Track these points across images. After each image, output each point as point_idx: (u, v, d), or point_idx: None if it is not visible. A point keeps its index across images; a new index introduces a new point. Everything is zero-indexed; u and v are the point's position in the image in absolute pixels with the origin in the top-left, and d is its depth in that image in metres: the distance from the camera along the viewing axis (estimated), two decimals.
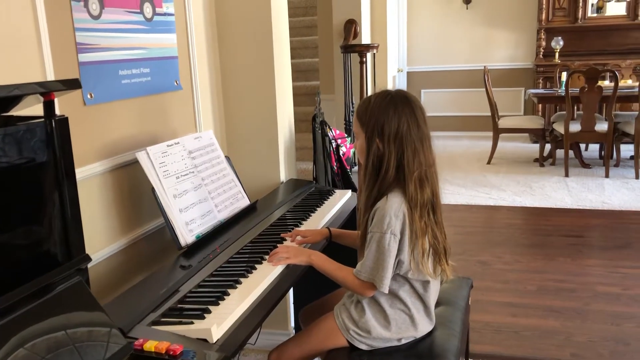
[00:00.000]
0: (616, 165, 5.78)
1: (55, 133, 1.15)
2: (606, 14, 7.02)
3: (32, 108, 1.25)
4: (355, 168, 3.56)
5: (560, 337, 2.62)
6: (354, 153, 3.46)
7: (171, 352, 1.12)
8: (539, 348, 2.53)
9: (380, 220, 1.53)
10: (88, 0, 1.65)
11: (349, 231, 1.93)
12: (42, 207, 1.16)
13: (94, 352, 1.09)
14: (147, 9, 1.92)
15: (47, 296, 1.07)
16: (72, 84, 1.15)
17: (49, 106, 1.15)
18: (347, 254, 1.92)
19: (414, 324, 1.62)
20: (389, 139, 1.54)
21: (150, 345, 1.14)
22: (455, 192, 5.07)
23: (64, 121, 1.17)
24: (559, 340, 2.59)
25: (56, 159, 1.17)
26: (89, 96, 1.67)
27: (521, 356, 2.47)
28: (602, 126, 5.45)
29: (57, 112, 1.21)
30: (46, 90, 1.10)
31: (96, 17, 1.69)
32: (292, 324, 2.62)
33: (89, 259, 1.21)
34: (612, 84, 5.34)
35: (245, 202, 2.09)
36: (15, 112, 1.17)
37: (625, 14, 6.92)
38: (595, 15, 7.05)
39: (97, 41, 1.70)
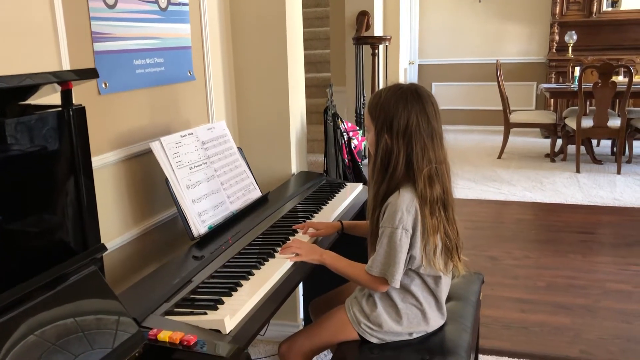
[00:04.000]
0: (628, 162, 5.73)
1: (73, 122, 1.15)
2: (621, 9, 6.95)
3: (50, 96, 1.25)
4: (366, 161, 3.55)
5: (569, 333, 2.61)
6: (366, 146, 3.45)
7: (185, 343, 1.13)
8: (548, 344, 2.53)
9: (391, 215, 1.52)
10: None
11: (361, 222, 1.92)
12: (58, 196, 1.16)
13: (108, 341, 1.09)
14: None
15: (62, 285, 1.08)
16: (89, 74, 1.15)
17: (66, 95, 1.15)
18: (356, 248, 1.91)
19: (425, 318, 1.62)
20: (398, 134, 1.52)
21: (164, 335, 1.15)
22: (465, 186, 5.05)
23: (81, 110, 1.17)
24: (568, 337, 2.58)
25: (73, 148, 1.17)
26: (103, 85, 1.68)
27: (530, 352, 2.46)
28: (614, 122, 5.40)
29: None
30: (63, 80, 1.10)
31: (112, 6, 1.69)
32: (301, 315, 2.63)
33: (104, 248, 1.22)
34: (627, 80, 5.28)
35: (257, 193, 2.09)
36: (33, 100, 1.17)
37: None
38: (610, 9, 6.98)
39: (112, 30, 1.70)
